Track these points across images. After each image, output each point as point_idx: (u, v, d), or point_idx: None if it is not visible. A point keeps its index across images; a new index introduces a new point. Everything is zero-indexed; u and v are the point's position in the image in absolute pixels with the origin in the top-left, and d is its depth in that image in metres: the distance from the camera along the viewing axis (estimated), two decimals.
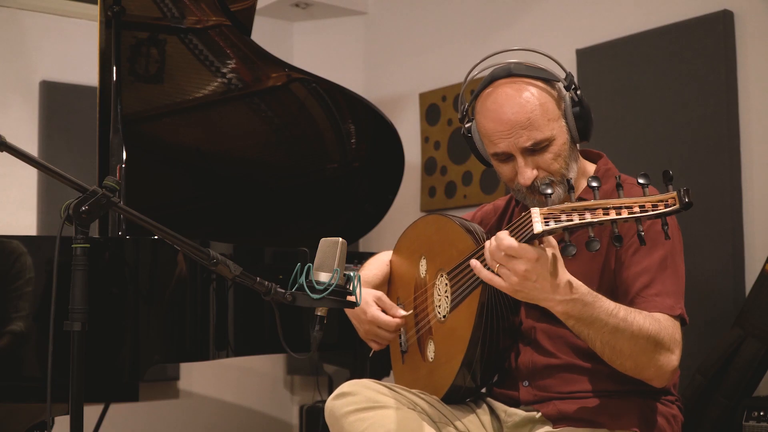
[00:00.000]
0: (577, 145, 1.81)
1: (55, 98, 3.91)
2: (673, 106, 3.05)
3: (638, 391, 1.74)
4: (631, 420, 1.70)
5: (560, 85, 1.76)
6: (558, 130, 1.72)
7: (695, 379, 2.56)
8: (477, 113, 1.81)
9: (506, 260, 1.47)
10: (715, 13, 2.96)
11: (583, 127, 1.75)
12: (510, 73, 1.75)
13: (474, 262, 1.56)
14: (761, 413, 2.38)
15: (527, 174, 1.72)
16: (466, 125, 1.87)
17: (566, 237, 1.42)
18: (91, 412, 2.43)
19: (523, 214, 1.49)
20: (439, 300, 1.88)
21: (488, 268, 1.53)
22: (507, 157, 1.75)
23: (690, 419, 2.30)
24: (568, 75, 1.75)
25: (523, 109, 1.70)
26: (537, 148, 1.71)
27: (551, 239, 1.50)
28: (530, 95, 1.71)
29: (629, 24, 3.25)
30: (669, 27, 3.10)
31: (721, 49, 2.93)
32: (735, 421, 2.44)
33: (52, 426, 2.18)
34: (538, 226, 1.42)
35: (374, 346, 2.02)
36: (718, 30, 2.94)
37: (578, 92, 1.74)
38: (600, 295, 1.56)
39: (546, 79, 1.75)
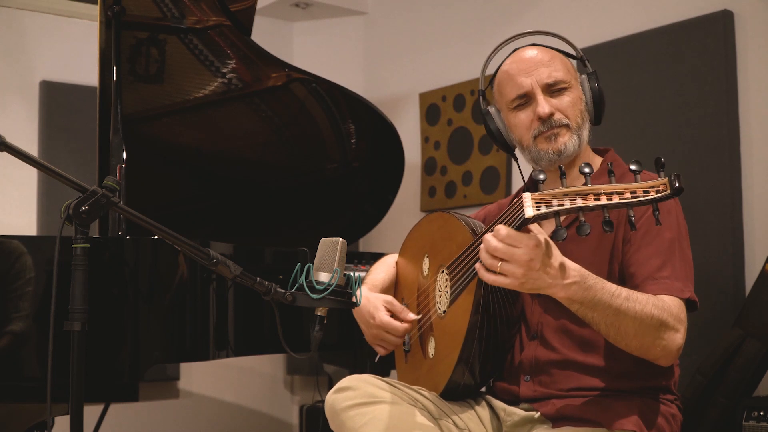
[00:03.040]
0: (588, 126, 1.85)
1: (55, 98, 3.91)
2: (673, 106, 3.05)
3: (638, 391, 1.75)
4: (631, 419, 1.70)
5: (578, 63, 1.89)
6: (575, 85, 1.84)
7: (695, 379, 2.56)
8: (499, 72, 1.89)
9: (508, 253, 1.47)
10: (715, 13, 2.96)
11: (597, 102, 1.83)
12: (533, 44, 1.88)
13: (478, 265, 1.56)
14: (761, 413, 2.38)
15: (546, 107, 1.79)
16: (486, 107, 1.91)
17: (558, 222, 1.42)
18: (91, 412, 2.44)
19: (515, 200, 1.49)
20: (440, 296, 1.88)
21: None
22: (527, 101, 1.82)
23: (690, 419, 2.30)
24: (583, 59, 1.88)
25: (547, 52, 1.85)
26: (556, 89, 1.80)
27: (539, 227, 1.52)
28: (552, 50, 1.85)
29: (629, 24, 3.25)
30: (669, 27, 3.10)
31: (721, 49, 2.93)
32: (735, 421, 2.44)
33: (52, 426, 2.18)
34: (529, 211, 1.43)
35: (381, 351, 2.02)
36: (718, 30, 2.94)
37: (596, 76, 1.84)
38: (601, 278, 1.58)
39: (567, 54, 1.88)
